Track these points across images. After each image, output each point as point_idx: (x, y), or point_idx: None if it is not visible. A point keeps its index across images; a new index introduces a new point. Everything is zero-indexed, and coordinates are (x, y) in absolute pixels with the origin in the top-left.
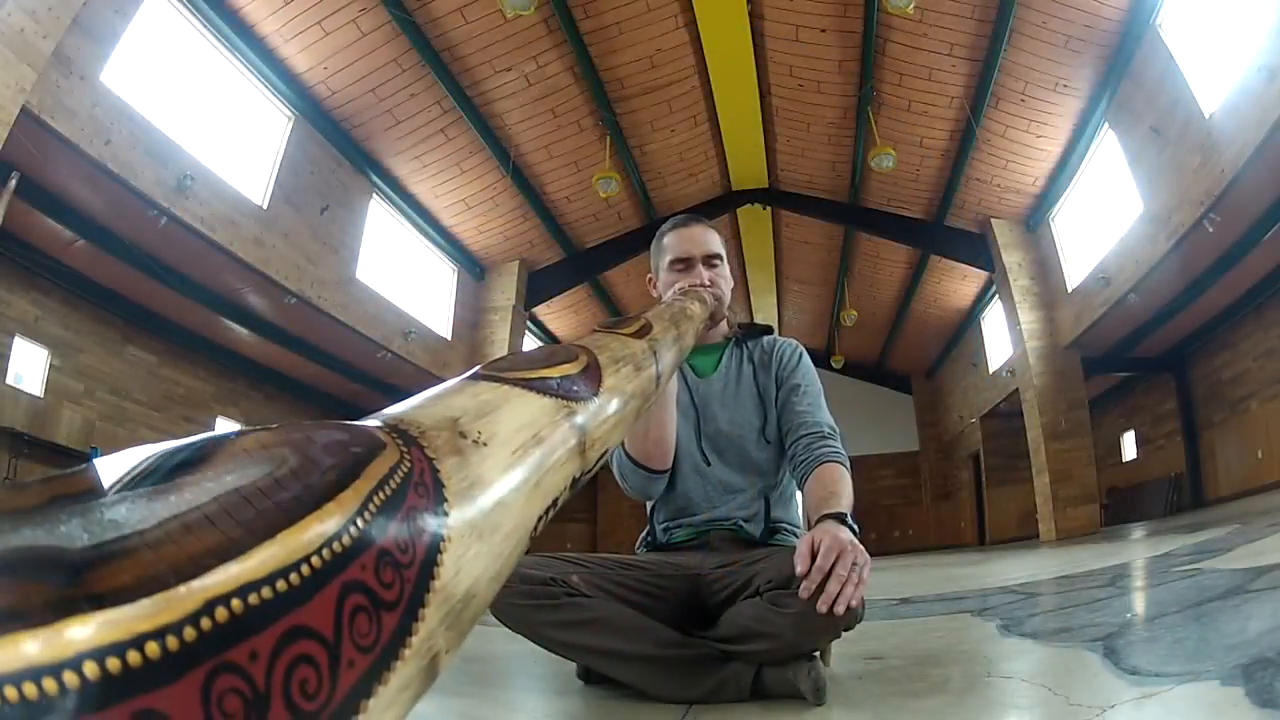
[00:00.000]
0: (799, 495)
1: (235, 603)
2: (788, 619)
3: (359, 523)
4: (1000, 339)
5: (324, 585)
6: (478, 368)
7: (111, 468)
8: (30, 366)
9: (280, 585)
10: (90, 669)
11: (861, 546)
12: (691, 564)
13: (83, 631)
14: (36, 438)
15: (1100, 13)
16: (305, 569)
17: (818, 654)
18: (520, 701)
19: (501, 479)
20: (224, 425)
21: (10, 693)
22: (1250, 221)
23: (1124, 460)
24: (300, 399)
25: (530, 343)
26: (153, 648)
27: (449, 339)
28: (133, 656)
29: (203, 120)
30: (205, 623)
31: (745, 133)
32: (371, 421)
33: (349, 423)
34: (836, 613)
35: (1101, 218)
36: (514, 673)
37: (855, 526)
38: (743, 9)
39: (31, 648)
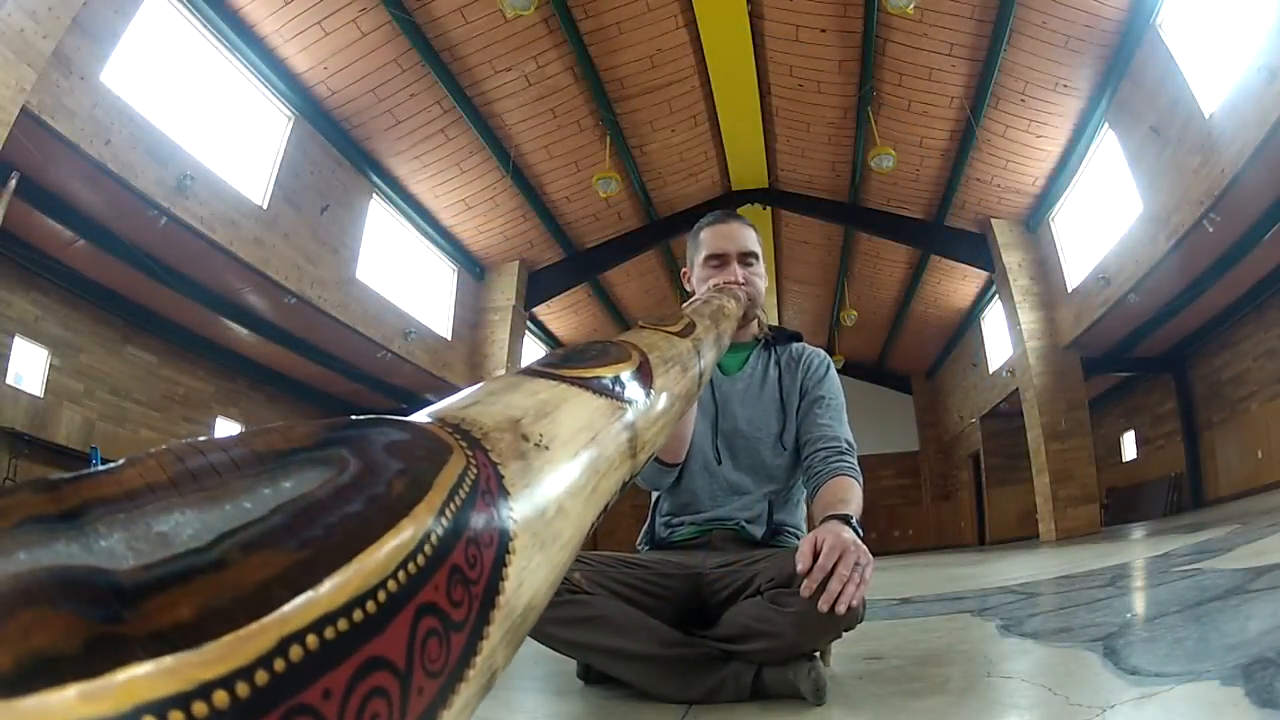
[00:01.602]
0: (803, 500)
1: (310, 638)
2: (788, 618)
3: (432, 538)
4: (1000, 339)
5: (399, 610)
6: (531, 363)
7: (143, 464)
8: (30, 366)
9: (356, 615)
10: None
11: (864, 547)
12: (693, 563)
13: (140, 681)
14: (36, 438)
15: (1100, 13)
16: (381, 594)
17: (818, 654)
18: (520, 701)
19: (563, 485)
20: (224, 425)
21: None
22: (1250, 221)
23: (1124, 460)
24: (300, 399)
25: (530, 343)
26: (220, 697)
27: (449, 339)
28: (198, 708)
29: (203, 120)
30: (278, 664)
31: (745, 133)
32: (425, 418)
33: (406, 420)
34: (838, 612)
35: (1101, 218)
36: (514, 673)
37: (859, 529)
38: (743, 9)
39: (78, 703)
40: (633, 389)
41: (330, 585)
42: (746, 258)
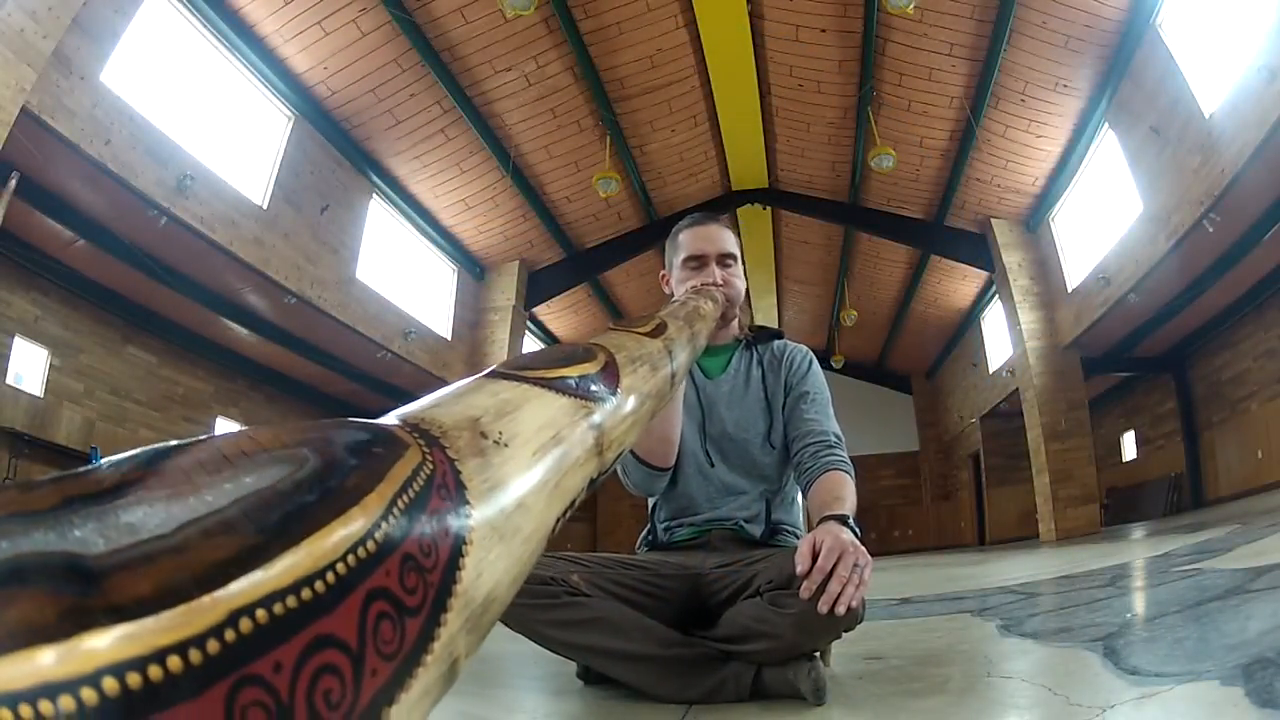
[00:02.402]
0: (800, 498)
1: (259, 613)
2: (788, 619)
3: (383, 527)
4: (1000, 339)
5: (349, 593)
6: (495, 366)
7: (119, 466)
8: (30, 366)
9: (305, 594)
10: (110, 685)
11: (863, 548)
12: (692, 564)
13: (102, 645)
14: (36, 438)
15: (1100, 13)
16: (330, 576)
17: (818, 654)
18: (520, 701)
19: (523, 480)
20: (224, 425)
21: (26, 711)
22: (1250, 221)
23: (1124, 460)
24: (300, 399)
25: (530, 343)
26: (175, 662)
27: (449, 339)
28: (154, 671)
29: (203, 120)
30: (229, 634)
31: (745, 133)
32: (390, 420)
33: (368, 421)
34: (837, 613)
35: (1101, 218)
36: (514, 673)
37: (857, 529)
38: (743, 9)
39: (48, 663)
40: (598, 388)
41: (279, 566)
42: (725, 259)
